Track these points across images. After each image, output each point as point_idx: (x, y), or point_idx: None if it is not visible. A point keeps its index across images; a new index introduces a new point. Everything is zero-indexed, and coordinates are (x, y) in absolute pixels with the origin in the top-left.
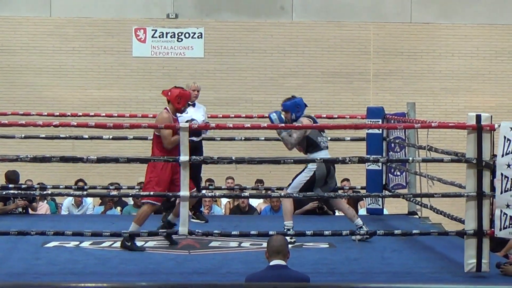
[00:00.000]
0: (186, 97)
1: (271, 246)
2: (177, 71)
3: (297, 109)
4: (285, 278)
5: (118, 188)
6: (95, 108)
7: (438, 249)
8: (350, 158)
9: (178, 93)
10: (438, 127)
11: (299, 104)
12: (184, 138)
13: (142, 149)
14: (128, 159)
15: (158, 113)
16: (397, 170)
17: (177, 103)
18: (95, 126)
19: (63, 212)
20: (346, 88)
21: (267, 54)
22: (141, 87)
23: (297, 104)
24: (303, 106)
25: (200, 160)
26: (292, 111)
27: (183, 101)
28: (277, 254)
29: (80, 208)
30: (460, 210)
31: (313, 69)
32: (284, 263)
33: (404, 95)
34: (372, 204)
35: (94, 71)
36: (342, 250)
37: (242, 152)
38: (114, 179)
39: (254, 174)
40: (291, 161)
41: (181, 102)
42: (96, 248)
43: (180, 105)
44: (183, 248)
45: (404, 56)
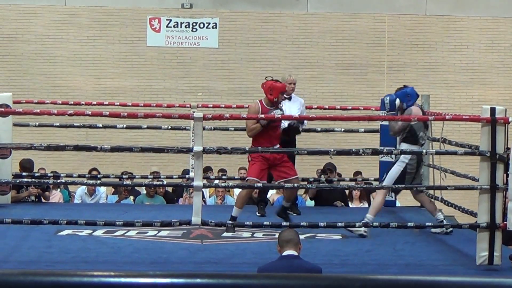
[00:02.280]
0: (278, 88)
1: (282, 237)
2: (191, 61)
3: (408, 98)
4: (297, 268)
5: (131, 177)
6: (109, 97)
7: (450, 242)
8: (364, 149)
9: (270, 85)
10: (452, 120)
11: (410, 94)
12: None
13: (155, 139)
14: (142, 149)
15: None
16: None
17: (270, 95)
18: (109, 115)
19: (76, 201)
20: (360, 80)
21: (281, 45)
22: (155, 77)
23: (407, 94)
24: (414, 95)
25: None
26: (403, 100)
27: (275, 92)
28: (288, 243)
29: (93, 197)
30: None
31: (327, 60)
32: (296, 253)
33: (418, 87)
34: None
35: (109, 60)
36: (355, 242)
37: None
38: (128, 169)
39: None
40: (305, 152)
41: (274, 93)
42: (109, 237)
43: (272, 96)
44: (196, 238)
45: (418, 48)
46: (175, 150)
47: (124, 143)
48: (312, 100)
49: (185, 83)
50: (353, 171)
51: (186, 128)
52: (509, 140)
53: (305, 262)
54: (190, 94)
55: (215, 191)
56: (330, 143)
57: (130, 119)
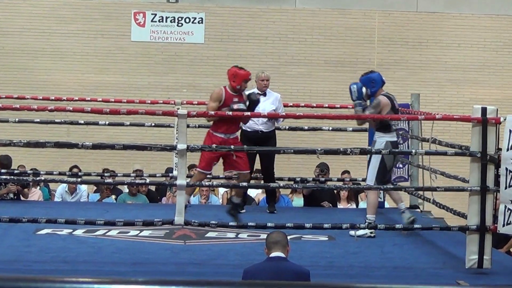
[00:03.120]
0: (241, 76)
1: (270, 238)
2: (176, 57)
3: (372, 85)
4: (285, 271)
5: (113, 176)
6: (91, 93)
7: (440, 244)
8: (352, 149)
9: (233, 72)
10: (443, 119)
11: (375, 79)
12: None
13: (138, 136)
14: (124, 146)
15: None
16: (399, 163)
17: (233, 81)
18: (91, 111)
19: (57, 199)
20: (350, 77)
21: (268, 41)
22: (139, 73)
23: (372, 79)
24: (379, 81)
25: (197, 148)
26: (367, 86)
27: (238, 79)
28: (276, 245)
29: (74, 195)
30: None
31: (315, 57)
32: (283, 256)
33: (408, 85)
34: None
35: (91, 55)
36: (342, 244)
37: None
38: (110, 166)
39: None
40: (291, 151)
41: (236, 81)
42: (89, 236)
43: (235, 83)
44: (178, 238)
45: (409, 46)
46: (159, 148)
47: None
48: (299, 98)
49: (169, 79)
50: (341, 171)
51: (170, 126)
52: (500, 140)
53: (293, 265)
54: (175, 91)
55: (199, 190)
56: (318, 142)
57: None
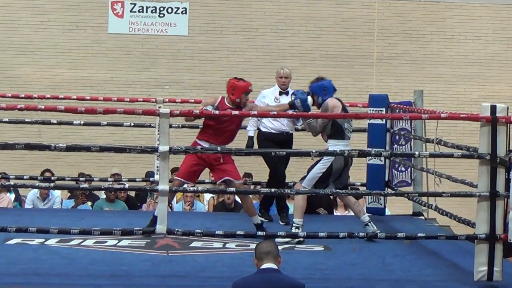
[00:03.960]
0: (241, 88)
1: (260, 249)
2: (157, 50)
3: (324, 92)
4: (277, 284)
5: (89, 180)
6: (65, 90)
7: (446, 255)
8: (349, 151)
9: (232, 84)
10: (448, 118)
11: (327, 87)
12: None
13: (116, 137)
14: (101, 148)
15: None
16: (401, 166)
17: (232, 95)
18: (65, 110)
19: (27, 206)
20: (347, 73)
21: (258, 33)
22: (117, 67)
23: (324, 87)
24: (331, 89)
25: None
26: (319, 94)
27: (237, 92)
28: (267, 256)
29: (46, 201)
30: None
31: (310, 51)
32: (275, 267)
33: (411, 81)
34: (373, 203)
35: (65, 49)
36: (339, 254)
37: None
38: (85, 170)
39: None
40: (283, 153)
41: (235, 93)
42: (63, 247)
43: (234, 96)
44: (160, 248)
45: (412, 39)
46: (138, 150)
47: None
48: None
49: (150, 75)
50: None
51: (151, 126)
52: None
53: (286, 277)
54: (156, 87)
55: (183, 196)
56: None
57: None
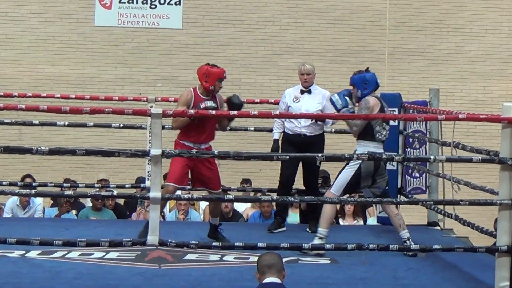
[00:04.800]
0: (215, 74)
1: (263, 261)
2: (149, 45)
3: (365, 86)
4: None
5: (74, 187)
6: (47, 88)
7: (464, 268)
8: (359, 155)
9: (205, 70)
10: (467, 120)
11: (368, 80)
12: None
13: (104, 139)
14: (87, 151)
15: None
16: (415, 171)
17: (205, 82)
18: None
19: (6, 215)
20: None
21: (259, 26)
22: (104, 63)
23: (365, 80)
24: (373, 83)
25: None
26: (359, 87)
27: (211, 79)
28: (270, 269)
29: (26, 209)
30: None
31: (315, 45)
32: (279, 281)
33: (426, 79)
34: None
35: (48, 43)
36: (347, 267)
37: (226, 145)
38: (70, 176)
39: (241, 173)
40: (286, 158)
41: (209, 81)
42: (46, 259)
43: (208, 83)
44: (152, 261)
45: (426, 32)
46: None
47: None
48: None
49: (141, 71)
50: None
51: (142, 127)
52: None
53: None
54: (147, 85)
55: (177, 204)
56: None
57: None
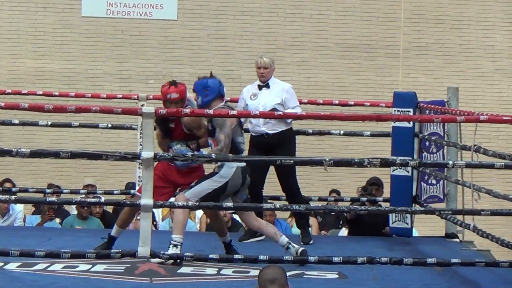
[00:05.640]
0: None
1: (265, 275)
2: (141, 37)
3: (206, 93)
4: None
5: (58, 192)
6: (29, 84)
7: (485, 285)
8: (370, 160)
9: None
10: (489, 121)
11: (209, 86)
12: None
13: (91, 141)
14: (72, 154)
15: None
16: (432, 178)
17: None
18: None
19: None
20: (367, 66)
21: (262, 18)
22: (92, 57)
23: (206, 86)
24: (215, 90)
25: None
26: (199, 94)
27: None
28: (272, 284)
29: (5, 217)
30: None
31: (323, 39)
32: None
33: (444, 77)
34: (398, 222)
35: (29, 35)
36: (356, 283)
37: None
38: (53, 181)
39: None
40: (290, 162)
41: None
42: (26, 272)
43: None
44: (143, 274)
45: (445, 26)
46: (117, 157)
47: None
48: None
49: (131, 66)
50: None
51: (132, 127)
52: None
53: None
54: (139, 82)
55: (170, 212)
56: (326, 150)
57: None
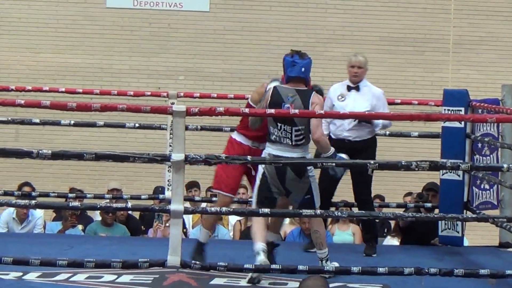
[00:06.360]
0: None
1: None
2: (170, 30)
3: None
4: None
5: (81, 197)
6: (50, 80)
7: None
8: (418, 162)
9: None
10: None
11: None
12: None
13: (117, 142)
14: (97, 156)
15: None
16: (485, 182)
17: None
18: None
19: (0, 230)
20: (415, 62)
21: (300, 10)
22: (117, 52)
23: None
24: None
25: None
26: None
27: None
28: None
29: (24, 224)
30: None
31: (367, 32)
32: None
33: (498, 73)
34: (448, 230)
35: (51, 28)
36: None
37: None
38: (76, 184)
39: None
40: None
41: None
42: (47, 282)
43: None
44: (172, 286)
45: (500, 17)
46: (145, 159)
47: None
48: None
49: (160, 61)
50: (403, 193)
51: (162, 127)
52: None
53: None
54: (168, 78)
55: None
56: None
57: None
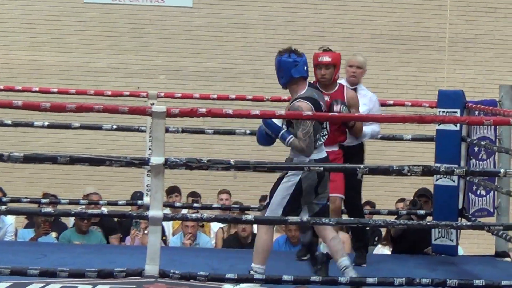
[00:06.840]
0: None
1: None
2: (151, 27)
3: (281, 74)
4: None
5: (54, 203)
6: (24, 79)
7: None
8: (411, 167)
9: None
10: None
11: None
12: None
13: (93, 144)
14: (71, 159)
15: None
16: (481, 188)
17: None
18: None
19: None
20: (408, 60)
21: (287, 5)
22: (95, 49)
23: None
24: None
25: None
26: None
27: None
28: None
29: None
30: None
31: (358, 29)
32: None
33: (495, 73)
34: (442, 238)
35: (24, 23)
36: None
37: (245, 154)
38: (49, 189)
39: (261, 187)
40: (320, 169)
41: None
42: None
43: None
44: None
45: (497, 15)
46: (123, 162)
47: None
48: None
49: (140, 59)
50: (395, 199)
51: (140, 129)
52: None
53: None
54: (148, 77)
55: (182, 225)
56: None
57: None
